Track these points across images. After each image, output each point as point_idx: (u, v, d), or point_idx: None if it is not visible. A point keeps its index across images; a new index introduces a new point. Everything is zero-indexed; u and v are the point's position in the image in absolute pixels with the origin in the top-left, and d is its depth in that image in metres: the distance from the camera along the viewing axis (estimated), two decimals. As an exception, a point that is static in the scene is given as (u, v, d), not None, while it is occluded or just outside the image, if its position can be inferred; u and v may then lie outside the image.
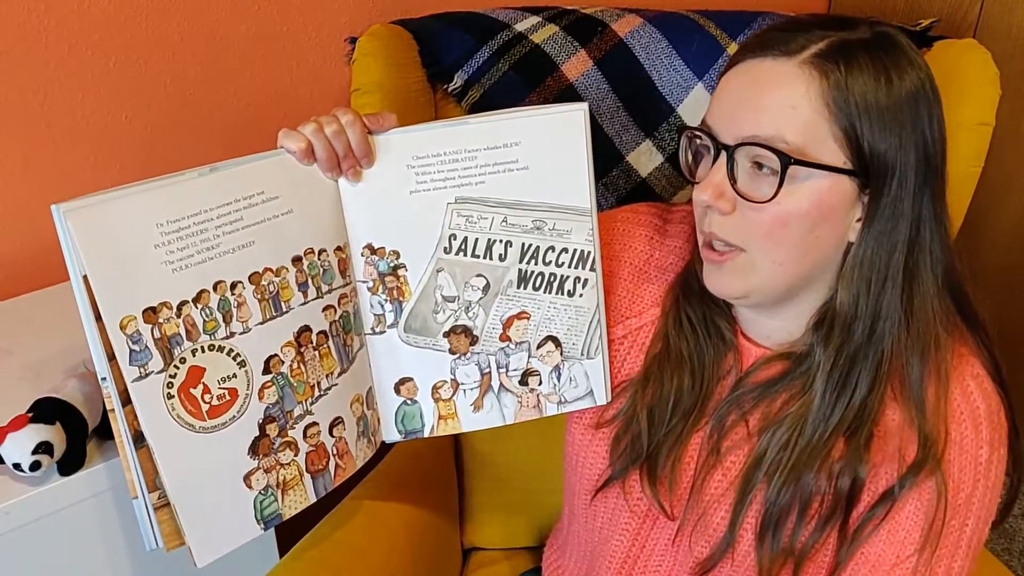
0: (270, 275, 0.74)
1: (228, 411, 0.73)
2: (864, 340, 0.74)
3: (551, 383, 0.85)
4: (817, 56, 0.69)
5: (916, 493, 0.74)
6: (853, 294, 0.74)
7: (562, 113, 0.77)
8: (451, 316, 0.82)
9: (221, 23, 1.23)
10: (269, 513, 0.77)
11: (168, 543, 0.73)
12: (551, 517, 1.10)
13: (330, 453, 0.80)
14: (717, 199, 0.72)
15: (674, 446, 0.82)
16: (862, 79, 0.69)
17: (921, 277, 0.74)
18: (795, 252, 0.73)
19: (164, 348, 0.69)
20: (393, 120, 0.77)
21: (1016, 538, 1.74)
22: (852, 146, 0.70)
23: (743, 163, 0.72)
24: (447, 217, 0.79)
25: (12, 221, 1.19)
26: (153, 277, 0.68)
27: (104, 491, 0.95)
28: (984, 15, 1.53)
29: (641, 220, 0.91)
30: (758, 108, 0.70)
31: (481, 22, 1.19)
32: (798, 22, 0.73)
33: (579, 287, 0.82)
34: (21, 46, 1.11)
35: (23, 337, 1.10)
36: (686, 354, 0.82)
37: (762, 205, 0.71)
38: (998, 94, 1.05)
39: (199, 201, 0.69)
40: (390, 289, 0.80)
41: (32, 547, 0.93)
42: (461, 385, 0.84)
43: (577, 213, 0.80)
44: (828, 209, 0.71)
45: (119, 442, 0.70)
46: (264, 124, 1.31)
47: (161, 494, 0.71)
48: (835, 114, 0.69)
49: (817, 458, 0.75)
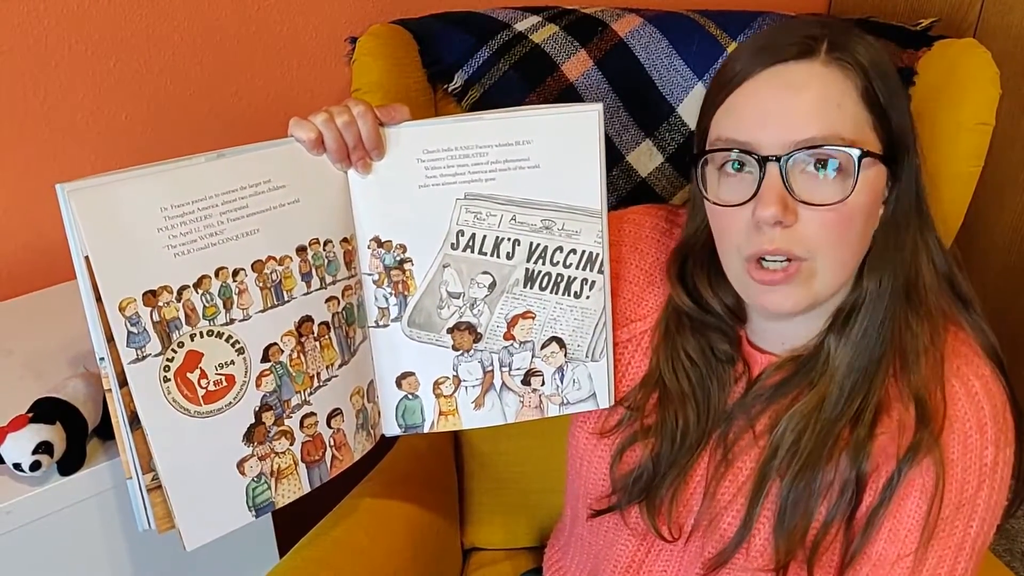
0: (273, 263, 0.73)
1: (224, 397, 0.73)
2: (878, 324, 0.74)
3: (554, 384, 0.85)
4: (832, 50, 0.70)
5: (919, 485, 0.74)
6: (877, 280, 0.74)
7: (576, 113, 0.77)
8: (456, 312, 0.81)
9: (221, 23, 1.23)
10: (261, 501, 0.77)
11: (160, 525, 0.73)
12: (551, 517, 1.10)
13: (327, 444, 0.80)
14: (785, 212, 0.69)
15: (676, 478, 0.81)
16: (883, 71, 0.71)
17: (928, 250, 0.75)
18: (856, 247, 0.73)
19: (163, 331, 0.69)
20: (405, 112, 0.76)
21: (1018, 539, 1.74)
22: (885, 130, 0.71)
23: (794, 170, 0.70)
24: (456, 213, 0.78)
25: (12, 221, 1.19)
26: (155, 260, 0.68)
27: (104, 491, 0.95)
28: (984, 15, 1.53)
29: (647, 223, 0.90)
30: (805, 111, 0.69)
31: (481, 22, 1.19)
32: (786, 27, 0.75)
33: (586, 289, 0.82)
34: (21, 46, 1.11)
35: (23, 337, 1.10)
36: (688, 391, 0.81)
37: (832, 206, 0.69)
38: (998, 94, 1.05)
39: (205, 186, 0.69)
40: (395, 283, 0.80)
41: (33, 547, 0.93)
42: (463, 382, 0.83)
43: (587, 214, 0.79)
44: (877, 197, 0.73)
45: (115, 423, 0.70)
46: (264, 124, 1.31)
47: (155, 476, 0.71)
48: (868, 104, 0.70)
49: (827, 445, 0.75)
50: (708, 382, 0.81)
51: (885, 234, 0.74)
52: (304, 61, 1.31)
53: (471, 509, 1.21)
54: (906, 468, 0.74)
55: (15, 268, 1.21)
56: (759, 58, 0.72)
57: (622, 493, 0.84)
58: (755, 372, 0.81)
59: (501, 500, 1.20)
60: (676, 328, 0.83)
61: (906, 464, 0.74)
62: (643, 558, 0.87)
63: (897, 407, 0.75)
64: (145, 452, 0.70)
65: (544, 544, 1.09)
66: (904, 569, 0.75)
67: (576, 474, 0.90)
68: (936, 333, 0.75)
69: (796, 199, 0.69)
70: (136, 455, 0.70)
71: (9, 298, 1.20)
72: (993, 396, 0.75)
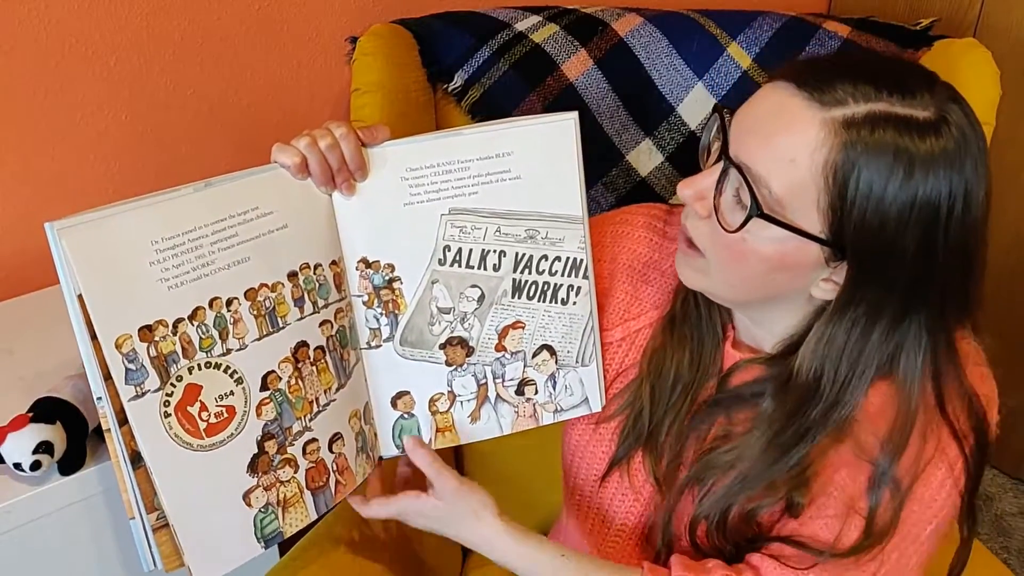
0: (266, 291, 0.73)
1: (226, 429, 0.72)
2: (822, 407, 0.71)
3: (547, 392, 0.85)
4: (847, 121, 0.64)
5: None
6: (815, 368, 0.71)
7: (553, 123, 0.78)
8: (447, 328, 0.81)
9: (221, 23, 1.23)
10: (270, 531, 0.76)
11: (167, 564, 0.71)
12: (551, 517, 1.10)
13: (330, 469, 0.79)
14: (696, 201, 0.72)
15: (674, 422, 0.81)
16: (877, 165, 0.63)
17: (902, 368, 0.70)
18: (749, 284, 0.73)
19: (160, 366, 0.68)
20: (386, 133, 0.76)
21: (1014, 536, 1.75)
22: (835, 224, 0.66)
23: (733, 181, 0.69)
24: (441, 228, 0.78)
25: (12, 221, 1.19)
26: (149, 295, 0.67)
27: (104, 490, 0.95)
28: (984, 15, 1.53)
29: (640, 222, 0.90)
30: (764, 143, 0.67)
31: (481, 21, 1.19)
32: (861, 63, 0.68)
33: (572, 295, 0.83)
34: (21, 46, 1.11)
35: (23, 337, 1.10)
36: (688, 334, 0.82)
37: (723, 230, 0.69)
38: (998, 94, 1.05)
39: (194, 217, 0.68)
40: (385, 302, 0.80)
41: (32, 547, 0.93)
42: (458, 397, 0.83)
43: (569, 221, 0.80)
44: (790, 263, 0.69)
45: (115, 462, 0.68)
46: (264, 124, 1.31)
47: (159, 515, 0.70)
48: (831, 188, 0.65)
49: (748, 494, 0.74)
50: (704, 334, 0.82)
51: (832, 333, 0.70)
52: (304, 61, 1.31)
53: (471, 509, 1.21)
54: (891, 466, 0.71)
55: (15, 268, 1.21)
56: (798, 69, 0.68)
57: (625, 442, 0.84)
58: (725, 367, 0.81)
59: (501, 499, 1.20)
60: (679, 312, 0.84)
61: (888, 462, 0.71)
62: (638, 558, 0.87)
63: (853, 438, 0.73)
64: (148, 491, 0.69)
65: (544, 544, 1.09)
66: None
67: (570, 466, 0.91)
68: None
69: (715, 203, 0.70)
70: (139, 494, 0.69)
71: (9, 298, 1.20)
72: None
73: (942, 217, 0.65)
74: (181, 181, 0.69)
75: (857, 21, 1.22)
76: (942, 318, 0.70)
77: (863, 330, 0.70)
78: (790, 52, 1.18)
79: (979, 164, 0.66)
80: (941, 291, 0.68)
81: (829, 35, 1.18)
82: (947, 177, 0.64)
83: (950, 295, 0.69)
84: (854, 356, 0.70)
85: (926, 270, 0.67)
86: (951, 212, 0.65)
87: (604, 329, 0.87)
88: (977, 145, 0.66)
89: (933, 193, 0.64)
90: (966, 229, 0.66)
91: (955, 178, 0.64)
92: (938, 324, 0.70)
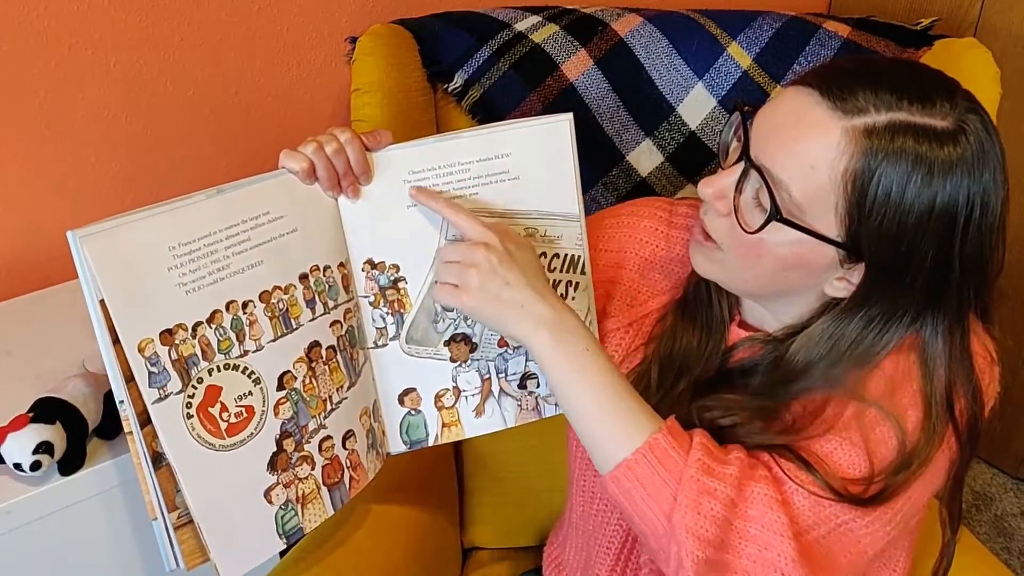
0: (279, 293, 0.75)
1: (246, 428, 0.74)
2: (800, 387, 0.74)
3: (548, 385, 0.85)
4: (868, 130, 0.65)
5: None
6: (810, 356, 0.73)
7: (549, 124, 0.80)
8: (451, 325, 0.83)
9: (221, 23, 1.23)
10: (291, 528, 0.78)
11: (189, 562, 0.73)
12: (551, 517, 1.11)
13: (344, 466, 0.81)
14: (717, 199, 0.74)
15: (678, 403, 0.81)
16: (896, 173, 0.65)
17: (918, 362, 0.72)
18: (762, 279, 0.75)
19: (182, 369, 0.70)
20: (389, 137, 0.78)
21: (1015, 537, 1.75)
22: (852, 228, 0.68)
23: (753, 182, 0.71)
24: (444, 229, 0.80)
25: (12, 221, 1.19)
26: (168, 299, 0.69)
27: (104, 490, 0.95)
28: (984, 15, 1.53)
29: (647, 213, 0.93)
30: (785, 148, 0.68)
31: (481, 21, 1.19)
32: (884, 71, 0.68)
33: (571, 290, 0.85)
34: (21, 46, 1.11)
35: (23, 337, 1.10)
36: (697, 317, 0.84)
37: (740, 228, 0.71)
38: (999, 93, 1.05)
39: (208, 223, 0.71)
40: (391, 302, 0.82)
41: (32, 547, 0.93)
42: (463, 392, 0.85)
43: (566, 219, 0.82)
44: (805, 262, 0.71)
45: (137, 464, 0.70)
46: (264, 124, 1.31)
47: (181, 513, 0.71)
48: (850, 195, 0.66)
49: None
50: (712, 318, 0.83)
51: (842, 329, 0.72)
52: (304, 61, 1.31)
53: (471, 509, 1.21)
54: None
55: (15, 268, 1.21)
56: (821, 75, 0.69)
57: None
58: (729, 343, 0.82)
59: (501, 500, 1.20)
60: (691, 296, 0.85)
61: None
62: (634, 540, 0.87)
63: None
64: (170, 490, 0.71)
65: (543, 544, 1.09)
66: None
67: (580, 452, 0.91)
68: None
69: (735, 203, 0.72)
70: (161, 494, 0.70)
71: (9, 298, 1.20)
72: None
73: (959, 224, 0.66)
74: (181, 182, 0.70)
75: (857, 21, 1.22)
76: (957, 319, 0.71)
77: (876, 327, 0.71)
78: (790, 52, 1.18)
79: (997, 172, 0.67)
80: (957, 294, 0.70)
81: (829, 35, 1.18)
82: (965, 185, 0.66)
83: (965, 297, 0.70)
84: (859, 352, 0.72)
85: (943, 274, 0.68)
86: (968, 219, 0.66)
87: (611, 315, 0.90)
88: (995, 154, 0.67)
89: (951, 201, 0.66)
90: (983, 235, 0.68)
91: (973, 186, 0.66)
92: (954, 324, 0.71)
